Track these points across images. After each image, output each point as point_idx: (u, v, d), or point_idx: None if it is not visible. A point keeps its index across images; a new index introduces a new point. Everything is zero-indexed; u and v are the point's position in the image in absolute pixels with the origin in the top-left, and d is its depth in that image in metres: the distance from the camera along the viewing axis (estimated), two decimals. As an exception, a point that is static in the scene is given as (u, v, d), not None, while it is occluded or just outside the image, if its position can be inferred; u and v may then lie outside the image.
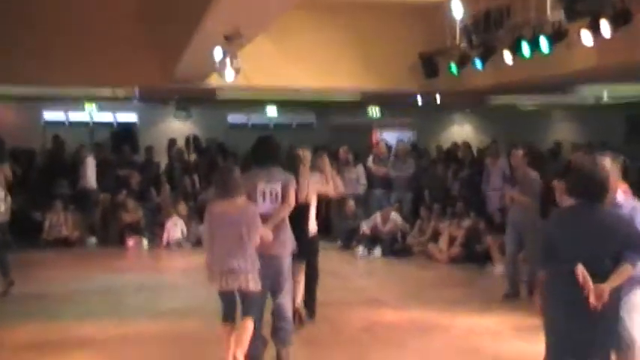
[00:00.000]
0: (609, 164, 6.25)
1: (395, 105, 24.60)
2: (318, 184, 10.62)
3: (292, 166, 10.08)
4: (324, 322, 10.65)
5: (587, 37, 12.16)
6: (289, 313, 8.86)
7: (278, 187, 8.75)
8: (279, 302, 8.71)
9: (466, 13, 15.49)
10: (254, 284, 8.15)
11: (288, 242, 8.84)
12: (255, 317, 8.29)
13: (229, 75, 13.85)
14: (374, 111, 26.03)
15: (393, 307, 12.13)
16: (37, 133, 23.22)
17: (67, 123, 24.74)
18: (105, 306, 12.15)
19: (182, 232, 18.51)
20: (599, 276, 5.79)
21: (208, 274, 8.27)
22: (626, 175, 7.17)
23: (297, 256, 9.56)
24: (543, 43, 13.23)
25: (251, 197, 8.59)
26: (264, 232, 8.36)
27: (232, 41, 12.66)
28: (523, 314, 10.94)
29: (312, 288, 10.73)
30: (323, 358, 9.14)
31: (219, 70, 13.93)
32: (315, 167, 10.83)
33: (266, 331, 8.73)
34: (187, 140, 23.43)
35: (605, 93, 21.41)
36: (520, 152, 12.68)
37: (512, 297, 12.34)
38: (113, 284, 13.95)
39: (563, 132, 25.19)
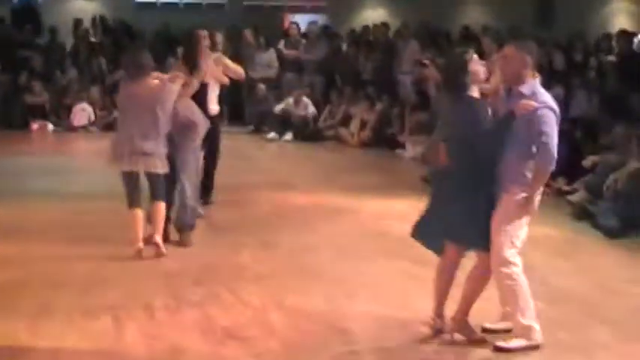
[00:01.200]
0: (513, 51, 6.28)
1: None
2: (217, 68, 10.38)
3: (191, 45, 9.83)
4: (233, 206, 10.72)
5: None
6: (191, 196, 8.92)
7: None
8: (182, 184, 8.76)
9: None
10: (162, 166, 8.19)
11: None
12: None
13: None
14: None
15: (303, 191, 12.27)
16: None
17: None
18: (9, 190, 11.93)
19: (89, 118, 18.27)
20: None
21: (111, 154, 8.27)
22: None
23: None
24: None
25: None
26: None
27: None
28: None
29: (210, 172, 10.68)
30: (231, 241, 9.14)
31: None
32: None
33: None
34: (94, 20, 22.82)
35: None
36: None
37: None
38: (17, 167, 13.82)
39: (474, 15, 25.18)
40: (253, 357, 6.05)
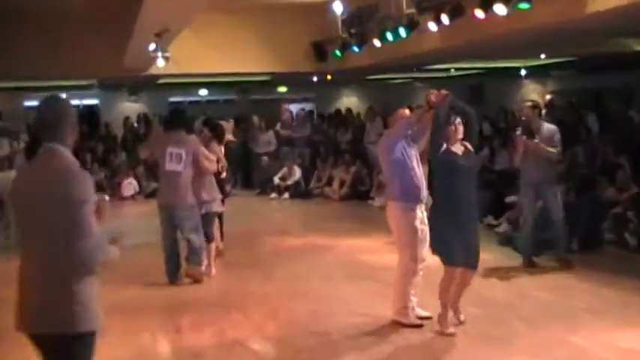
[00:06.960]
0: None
1: (298, 83, 24.53)
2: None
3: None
4: (242, 249, 10.68)
5: (432, 26, 12.35)
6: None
7: (182, 152, 8.59)
8: None
9: (345, 10, 15.60)
10: None
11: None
12: None
13: (160, 62, 13.75)
14: (282, 88, 26.09)
15: (295, 235, 12.25)
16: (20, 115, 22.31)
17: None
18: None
19: (135, 189, 18.34)
20: None
21: None
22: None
23: None
24: (402, 31, 13.41)
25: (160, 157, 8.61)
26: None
27: (161, 36, 12.53)
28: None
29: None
30: (240, 275, 9.19)
31: (153, 59, 13.81)
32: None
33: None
34: (138, 117, 23.09)
35: (453, 69, 21.80)
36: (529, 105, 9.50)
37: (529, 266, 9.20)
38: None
39: (422, 99, 25.39)
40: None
